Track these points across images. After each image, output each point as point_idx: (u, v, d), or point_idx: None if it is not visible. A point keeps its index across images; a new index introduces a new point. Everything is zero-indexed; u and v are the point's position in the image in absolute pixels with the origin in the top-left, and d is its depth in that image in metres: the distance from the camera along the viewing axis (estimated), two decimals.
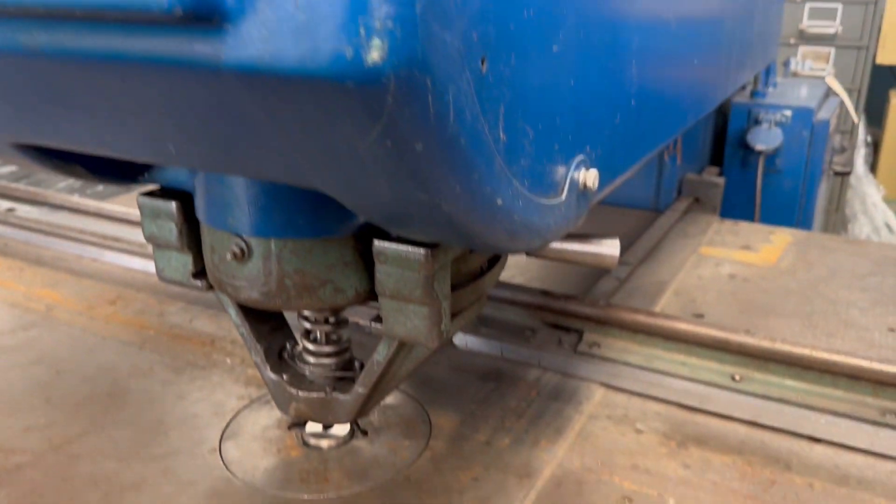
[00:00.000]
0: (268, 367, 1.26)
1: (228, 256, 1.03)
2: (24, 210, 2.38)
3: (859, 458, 1.27)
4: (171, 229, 1.16)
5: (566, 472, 1.22)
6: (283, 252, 1.03)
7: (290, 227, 1.01)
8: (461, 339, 1.61)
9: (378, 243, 1.01)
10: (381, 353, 1.16)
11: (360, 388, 1.19)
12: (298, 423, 1.33)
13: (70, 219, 2.27)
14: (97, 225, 2.21)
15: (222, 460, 1.24)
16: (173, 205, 1.13)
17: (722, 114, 2.96)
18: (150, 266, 1.98)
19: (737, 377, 1.40)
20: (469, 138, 0.66)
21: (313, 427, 1.31)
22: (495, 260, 1.22)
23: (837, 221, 5.11)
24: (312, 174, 0.74)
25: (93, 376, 1.49)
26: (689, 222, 2.40)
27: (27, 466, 1.22)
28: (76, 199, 2.33)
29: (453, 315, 1.10)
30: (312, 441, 1.30)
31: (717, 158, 3.00)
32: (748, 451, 1.29)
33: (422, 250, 0.98)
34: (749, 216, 2.84)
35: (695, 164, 2.77)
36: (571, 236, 1.24)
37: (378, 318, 1.08)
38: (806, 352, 1.34)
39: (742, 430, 1.34)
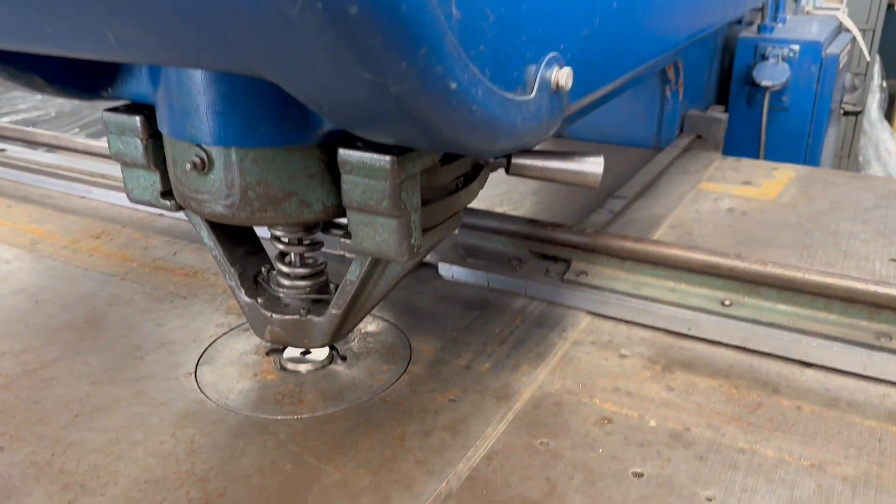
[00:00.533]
0: (242, 291, 1.23)
1: (188, 167, 1.00)
2: (14, 150, 2.35)
3: (851, 382, 1.23)
4: (136, 145, 1.12)
5: (545, 394, 1.19)
6: (244, 161, 0.99)
7: (250, 135, 0.97)
8: (447, 271, 1.57)
9: (342, 151, 0.97)
10: (353, 272, 1.13)
11: (334, 310, 1.16)
12: (277, 349, 1.31)
13: (59, 158, 2.24)
14: (85, 163, 2.17)
15: (197, 383, 1.22)
16: (137, 119, 1.09)
17: (728, 51, 2.87)
18: None
19: (726, 302, 1.35)
20: (414, 4, 0.61)
21: (291, 352, 1.29)
22: (472, 178, 1.18)
23: (850, 167, 5.01)
24: (252, 55, 0.69)
25: (72, 305, 1.47)
26: (691, 159, 2.34)
27: (0, 389, 1.21)
28: (65, 138, 2.29)
29: (425, 231, 1.06)
30: (290, 366, 1.27)
31: (722, 98, 2.92)
32: (735, 374, 1.25)
33: (387, 157, 0.94)
34: (754, 155, 2.77)
35: (699, 102, 2.69)
36: (554, 153, 1.20)
37: (347, 234, 1.05)
38: (798, 275, 1.30)
39: (730, 354, 1.31)
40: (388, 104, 0.69)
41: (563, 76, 0.90)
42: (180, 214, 1.22)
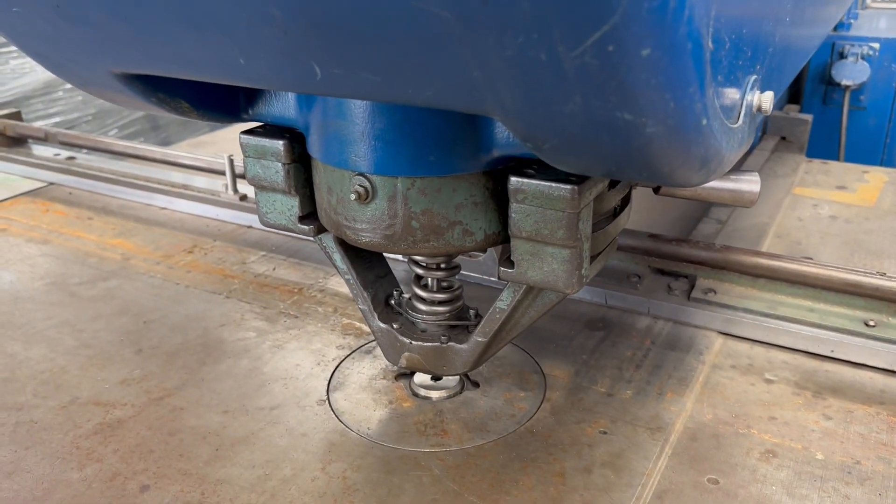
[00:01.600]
0: (376, 316, 1.19)
1: (352, 197, 0.95)
2: (83, 158, 2.31)
3: None
4: (277, 170, 1.08)
5: (699, 424, 1.15)
6: (410, 191, 0.94)
7: (418, 164, 0.92)
8: None
9: (515, 180, 0.92)
10: (504, 300, 1.08)
11: (479, 337, 1.12)
12: (405, 374, 1.27)
13: (133, 166, 2.21)
14: (163, 172, 2.14)
15: (333, 412, 1.18)
16: (281, 144, 1.05)
17: None
18: (223, 213, 1.92)
19: (870, 322, 1.30)
20: (694, 42, 0.56)
21: (422, 378, 1.25)
22: (626, 201, 1.13)
23: None
24: (489, 95, 0.64)
25: (182, 326, 1.44)
26: (777, 162, 2.27)
27: (130, 420, 1.17)
28: (138, 146, 2.25)
29: (592, 258, 1.01)
30: (422, 392, 1.23)
31: (794, 96, 2.85)
32: (890, 401, 1.20)
33: (568, 186, 0.89)
34: (830, 156, 2.69)
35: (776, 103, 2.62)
36: None
37: (507, 262, 1.00)
38: None
39: (879, 379, 1.25)
40: (636, 144, 0.64)
41: (766, 100, 0.85)
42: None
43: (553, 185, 0.90)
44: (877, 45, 2.59)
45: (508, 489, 1.02)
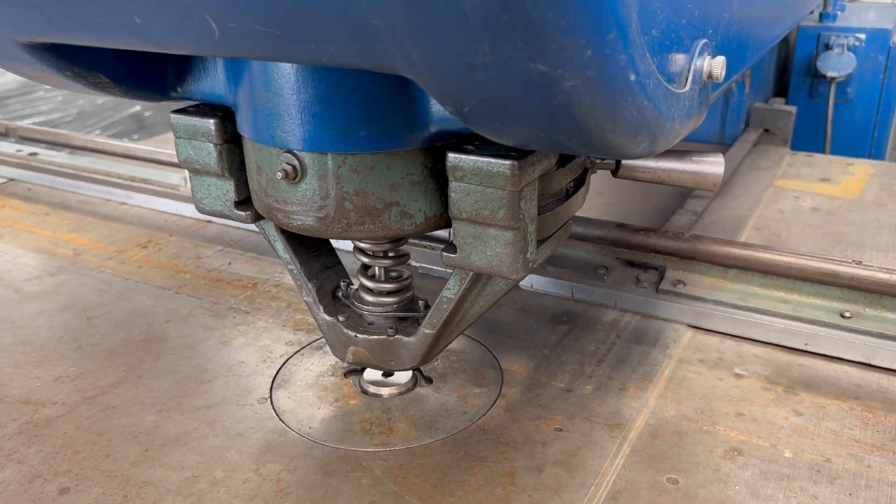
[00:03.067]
0: (321, 309, 1.12)
1: (279, 175, 0.88)
2: (47, 154, 2.25)
3: None
4: (209, 151, 1.01)
5: (661, 421, 1.08)
6: (341, 169, 0.88)
7: (349, 140, 0.86)
8: (526, 280, 1.45)
9: (452, 156, 0.86)
10: (451, 289, 1.02)
11: (426, 329, 1.05)
12: (355, 370, 1.20)
13: (95, 161, 2.14)
14: (123, 167, 2.07)
15: (274, 410, 1.11)
16: (212, 122, 0.98)
17: (785, 41, 2.73)
18: (182, 208, 1.85)
19: (846, 314, 1.23)
20: None
21: (372, 374, 1.18)
22: (580, 182, 1.06)
23: None
24: (394, 48, 0.58)
25: (126, 322, 1.37)
26: (760, 154, 2.21)
27: (59, 419, 1.10)
28: (98, 140, 2.19)
29: (539, 242, 0.95)
30: (372, 389, 1.16)
31: (780, 89, 2.79)
32: (865, 395, 1.13)
33: (507, 162, 0.83)
34: (817, 149, 2.63)
35: (759, 95, 2.56)
36: (667, 154, 1.08)
37: (450, 247, 0.93)
38: None
39: (855, 372, 1.18)
40: (556, 101, 0.58)
41: (717, 66, 0.78)
42: (230, 221, 1.11)
43: (492, 160, 0.84)
44: (863, 36, 2.53)
45: (452, 490, 0.95)
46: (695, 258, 1.33)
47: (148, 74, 0.99)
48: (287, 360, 1.24)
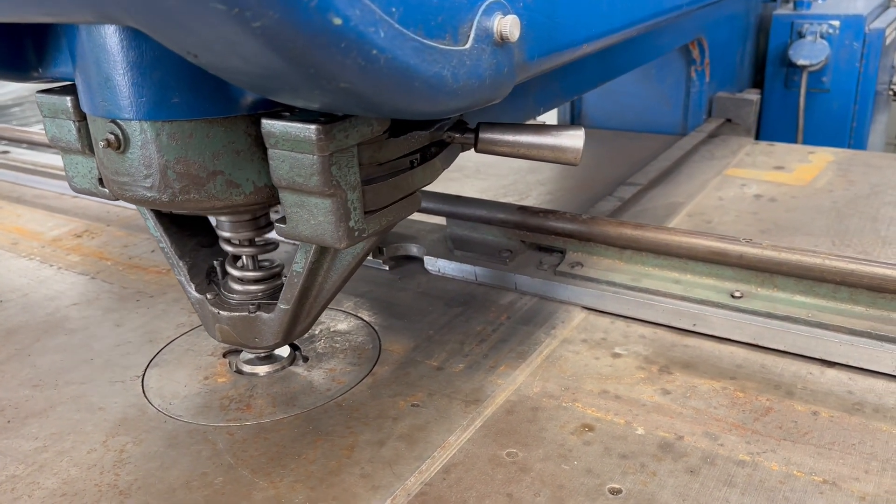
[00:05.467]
0: (192, 287, 1.13)
1: (102, 145, 0.90)
2: (17, 152, 2.31)
3: (879, 384, 1.06)
4: (70, 129, 1.03)
5: (522, 397, 1.06)
6: (160, 137, 0.88)
7: (163, 107, 0.86)
8: (433, 265, 1.44)
9: (265, 122, 0.86)
10: (299, 263, 1.01)
11: (282, 305, 1.05)
12: (235, 351, 1.20)
13: (56, 158, 2.19)
14: None
15: (142, 388, 1.12)
16: (69, 99, 1.00)
17: (764, 31, 2.67)
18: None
19: (737, 294, 1.19)
20: None
21: (248, 354, 1.18)
22: (433, 155, 1.05)
23: None
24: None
25: (34, 305, 1.40)
26: (719, 144, 2.16)
27: None
28: None
29: (373, 212, 0.94)
30: (247, 368, 1.16)
31: (760, 81, 2.73)
32: (743, 376, 1.09)
33: (312, 126, 0.83)
34: (793, 141, 2.57)
35: (732, 86, 2.50)
36: (528, 127, 1.07)
37: (283, 218, 0.93)
38: (818, 261, 1.13)
39: (740, 353, 1.15)
40: (254, 44, 0.57)
41: (506, 25, 0.77)
42: None
43: (299, 125, 0.83)
44: (837, 23, 2.46)
45: (287, 463, 0.95)
46: (590, 239, 1.31)
47: (7, 55, 1.02)
48: (173, 340, 1.25)
